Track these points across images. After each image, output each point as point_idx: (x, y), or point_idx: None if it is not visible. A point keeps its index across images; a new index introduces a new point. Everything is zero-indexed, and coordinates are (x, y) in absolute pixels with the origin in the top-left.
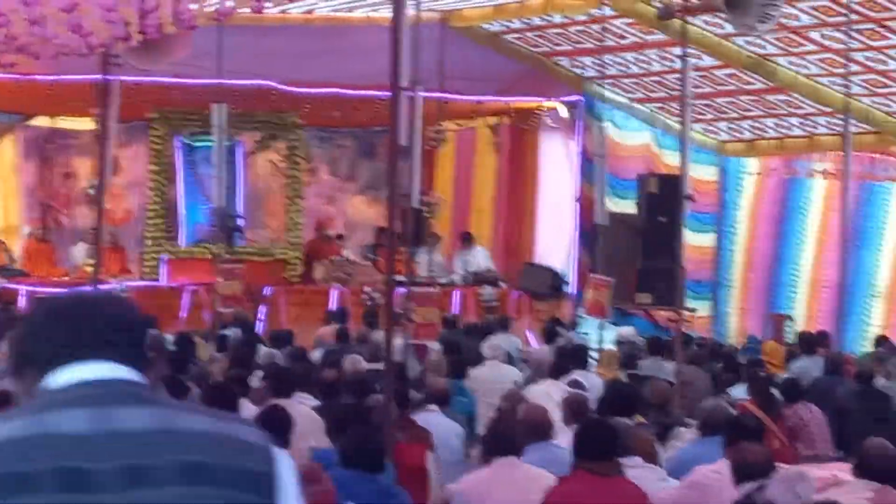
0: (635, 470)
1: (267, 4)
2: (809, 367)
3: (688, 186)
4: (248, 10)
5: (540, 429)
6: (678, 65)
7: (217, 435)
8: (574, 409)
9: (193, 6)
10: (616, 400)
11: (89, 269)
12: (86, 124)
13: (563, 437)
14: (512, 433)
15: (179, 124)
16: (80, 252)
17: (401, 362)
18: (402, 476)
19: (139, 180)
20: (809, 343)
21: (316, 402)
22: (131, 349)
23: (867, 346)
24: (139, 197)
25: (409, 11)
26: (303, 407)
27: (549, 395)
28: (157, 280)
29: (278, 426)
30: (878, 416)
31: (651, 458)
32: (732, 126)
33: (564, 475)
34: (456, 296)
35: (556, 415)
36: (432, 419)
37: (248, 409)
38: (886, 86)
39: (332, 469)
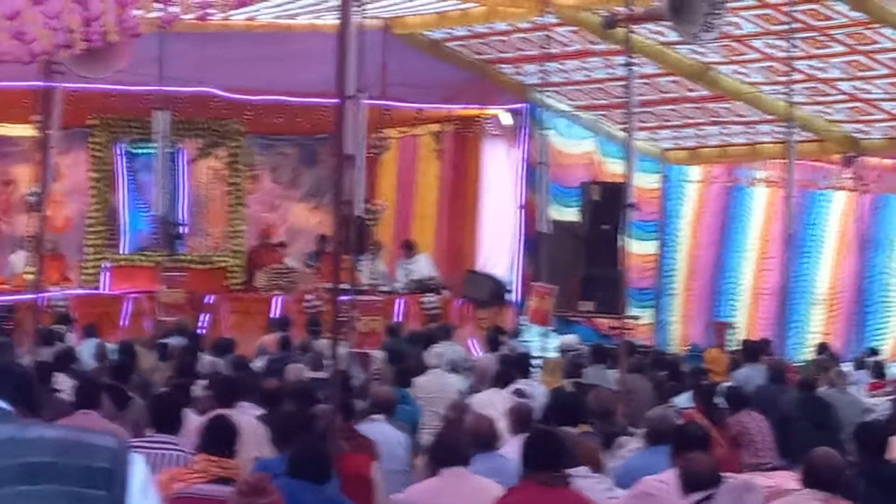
0: (582, 480)
1: (210, 11)
2: (752, 376)
3: (631, 195)
4: (193, 17)
5: (486, 439)
6: (621, 73)
7: (65, 440)
8: (519, 418)
9: (137, 13)
10: (561, 409)
11: (29, 276)
12: (26, 131)
13: (509, 447)
14: (458, 443)
15: (120, 131)
16: (19, 260)
17: (345, 371)
18: (347, 486)
19: (79, 187)
20: (752, 351)
21: (260, 411)
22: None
23: (808, 353)
24: (79, 204)
25: (354, 19)
26: (247, 416)
27: (492, 403)
28: (97, 288)
29: (223, 435)
30: (820, 424)
31: (597, 467)
32: (675, 134)
33: (512, 486)
34: (399, 304)
35: (500, 423)
36: (377, 428)
37: (192, 418)
38: (828, 94)
39: (278, 479)
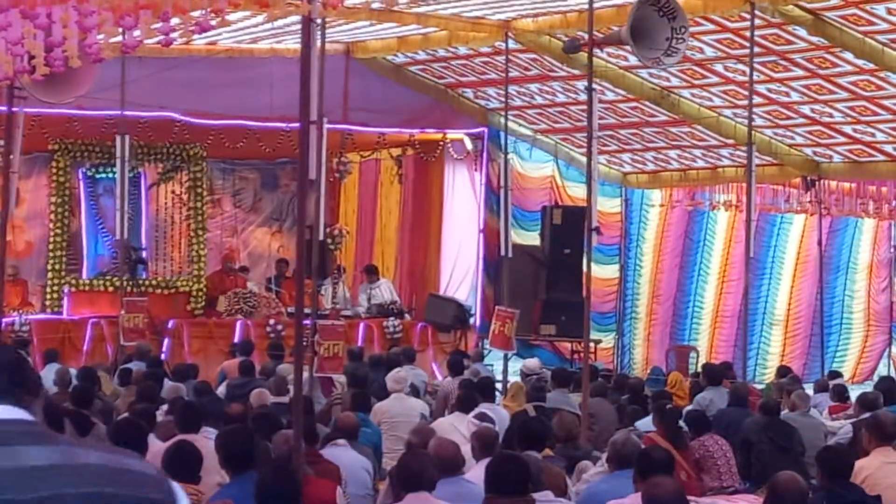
0: None
1: (173, 36)
2: (714, 399)
3: (594, 218)
4: (155, 41)
5: (451, 463)
6: (583, 97)
7: (115, 468)
8: (484, 442)
9: (100, 38)
10: (525, 433)
11: None
12: None
13: (473, 471)
14: (423, 468)
15: (82, 156)
16: None
17: (308, 396)
18: None
19: (40, 212)
20: (714, 375)
21: None
22: (17, 390)
23: (769, 376)
24: (40, 229)
25: (315, 43)
26: (210, 441)
27: (455, 428)
28: (59, 313)
29: (187, 461)
30: (783, 447)
31: (562, 492)
32: (636, 157)
33: None
34: (361, 328)
35: (463, 448)
36: (341, 453)
37: (156, 444)
38: (789, 118)
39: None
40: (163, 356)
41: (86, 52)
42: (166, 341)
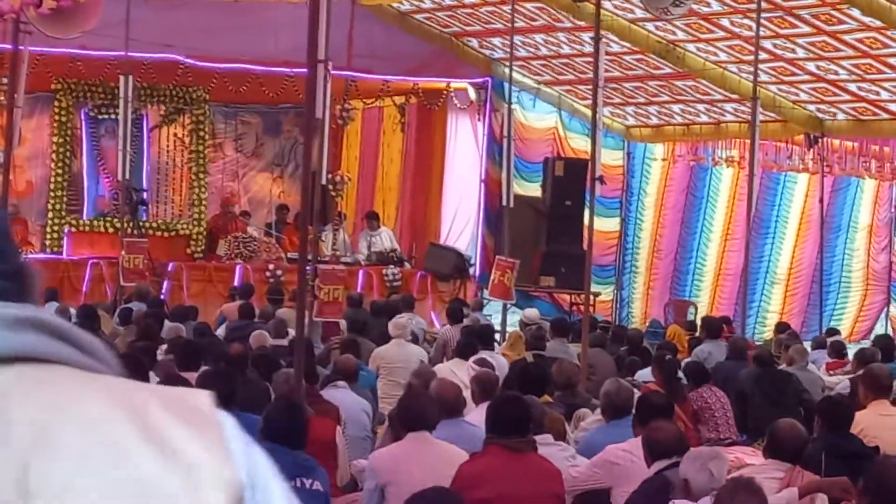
0: (547, 447)
1: None
2: (712, 352)
3: (598, 168)
4: None
5: (452, 405)
6: (588, 48)
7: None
8: (484, 386)
9: None
10: (525, 379)
11: None
12: None
13: (473, 414)
14: (424, 409)
15: (84, 96)
16: None
17: (308, 338)
18: (311, 450)
19: (41, 152)
20: (712, 328)
21: None
22: None
23: (767, 333)
24: (41, 169)
25: None
26: None
27: (454, 373)
28: (59, 253)
29: None
30: (774, 400)
31: (561, 436)
32: (639, 111)
33: (477, 451)
34: (360, 275)
35: (464, 393)
36: (340, 395)
37: (155, 382)
38: (794, 74)
39: None
40: (162, 298)
41: None
42: (166, 284)
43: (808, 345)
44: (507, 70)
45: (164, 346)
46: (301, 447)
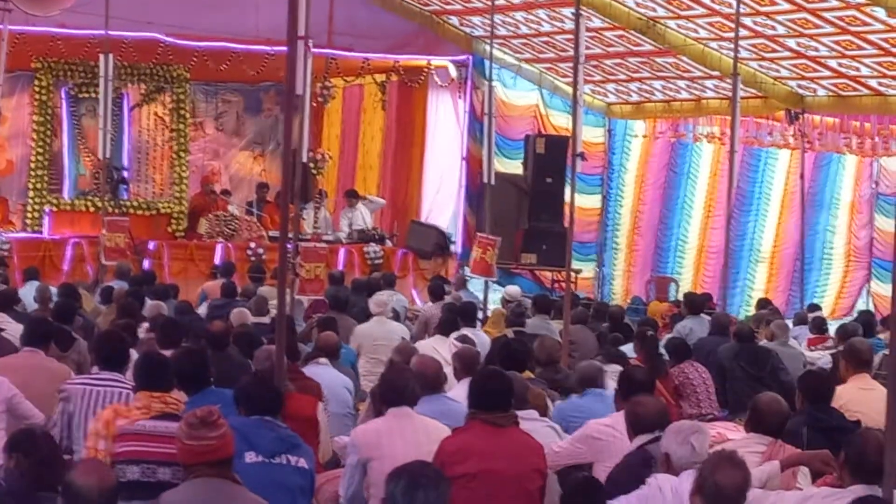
0: (530, 423)
1: None
2: (694, 328)
3: (579, 144)
4: None
5: (432, 381)
6: (568, 26)
7: None
8: (466, 362)
9: None
10: (507, 355)
11: None
12: None
13: (454, 390)
14: (405, 384)
15: (64, 75)
16: None
17: (290, 316)
18: (292, 426)
19: (22, 131)
20: (694, 304)
21: None
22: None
23: (751, 310)
24: (22, 148)
25: None
26: None
27: (436, 350)
28: (40, 232)
29: (159, 371)
30: (753, 375)
31: (543, 412)
32: (620, 88)
33: (460, 426)
34: (341, 253)
35: (446, 370)
36: (321, 371)
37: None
38: (774, 50)
39: (229, 416)
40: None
41: None
42: (147, 262)
43: (790, 321)
44: (487, 48)
45: (146, 325)
46: (277, 413)
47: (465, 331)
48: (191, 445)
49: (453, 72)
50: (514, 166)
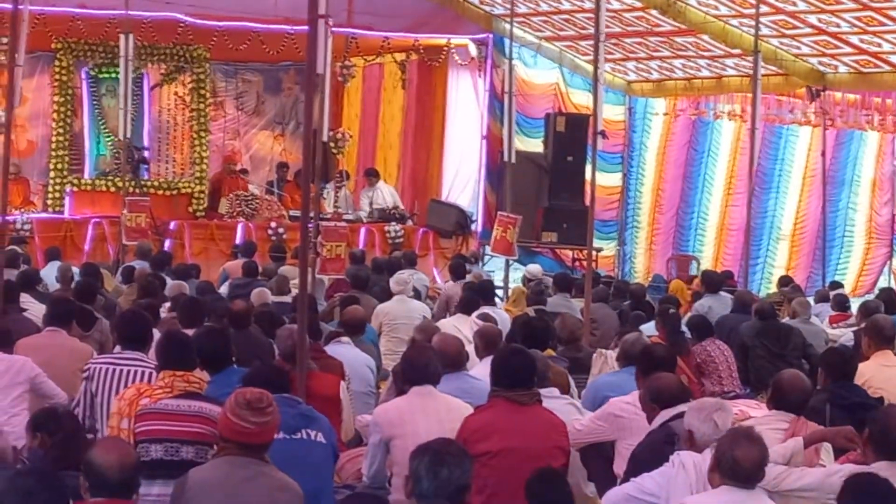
0: (552, 401)
1: None
2: (714, 306)
3: (600, 122)
4: None
5: (454, 359)
6: (588, 4)
7: None
8: (487, 340)
9: None
10: (528, 333)
11: None
12: None
13: (476, 369)
14: (427, 363)
15: (85, 55)
16: None
17: (311, 294)
18: (314, 405)
19: (42, 111)
20: (713, 282)
21: None
22: None
23: (772, 288)
24: (42, 128)
25: None
26: None
27: (457, 329)
28: (61, 212)
29: (182, 350)
30: (775, 353)
31: (565, 390)
32: (640, 66)
33: (482, 404)
34: (362, 232)
35: (467, 348)
36: (343, 350)
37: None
38: (795, 27)
39: None
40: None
41: None
42: (168, 242)
43: (811, 299)
44: (507, 26)
45: (167, 304)
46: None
47: (486, 309)
48: (232, 422)
49: (473, 50)
50: (535, 145)
